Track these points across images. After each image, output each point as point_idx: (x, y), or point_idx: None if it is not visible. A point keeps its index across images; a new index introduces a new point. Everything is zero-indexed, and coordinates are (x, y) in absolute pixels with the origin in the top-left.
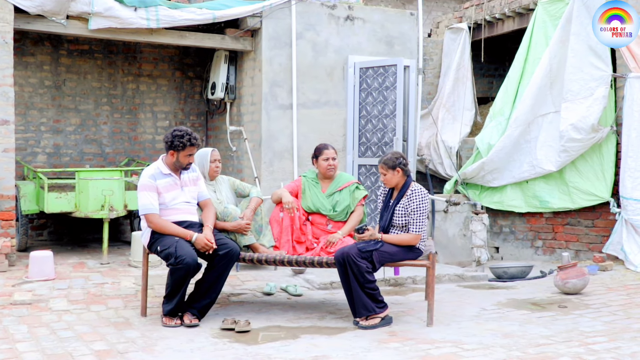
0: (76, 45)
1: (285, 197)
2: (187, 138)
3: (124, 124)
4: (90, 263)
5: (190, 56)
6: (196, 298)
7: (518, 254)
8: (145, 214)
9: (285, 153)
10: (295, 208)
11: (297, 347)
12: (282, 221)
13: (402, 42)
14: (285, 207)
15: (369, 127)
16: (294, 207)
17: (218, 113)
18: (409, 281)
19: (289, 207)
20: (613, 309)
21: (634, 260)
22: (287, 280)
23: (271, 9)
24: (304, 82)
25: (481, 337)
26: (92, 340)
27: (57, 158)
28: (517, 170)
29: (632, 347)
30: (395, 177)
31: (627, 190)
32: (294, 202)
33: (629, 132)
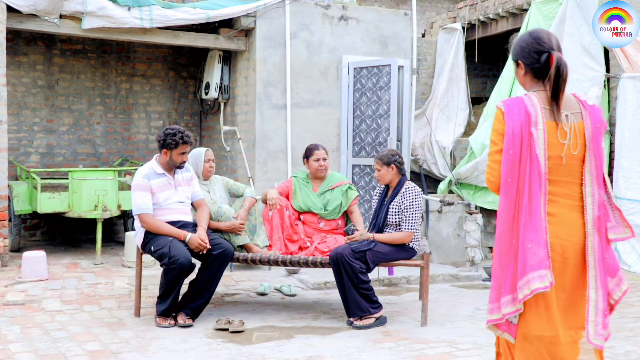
0: (69, 44)
1: (270, 194)
2: (179, 136)
3: (118, 124)
4: (83, 263)
5: (184, 56)
6: (190, 298)
7: None
8: (139, 214)
9: (279, 153)
10: (278, 203)
11: (291, 347)
12: (272, 219)
13: (396, 42)
14: (268, 204)
15: (363, 127)
16: (276, 202)
17: (212, 113)
18: (403, 281)
19: (272, 202)
20: None
21: (627, 260)
22: (281, 281)
23: (265, 8)
24: (298, 82)
25: (475, 337)
26: (85, 341)
27: (50, 158)
28: None
29: (626, 347)
30: (389, 174)
31: (620, 190)
32: (276, 199)
33: (622, 132)
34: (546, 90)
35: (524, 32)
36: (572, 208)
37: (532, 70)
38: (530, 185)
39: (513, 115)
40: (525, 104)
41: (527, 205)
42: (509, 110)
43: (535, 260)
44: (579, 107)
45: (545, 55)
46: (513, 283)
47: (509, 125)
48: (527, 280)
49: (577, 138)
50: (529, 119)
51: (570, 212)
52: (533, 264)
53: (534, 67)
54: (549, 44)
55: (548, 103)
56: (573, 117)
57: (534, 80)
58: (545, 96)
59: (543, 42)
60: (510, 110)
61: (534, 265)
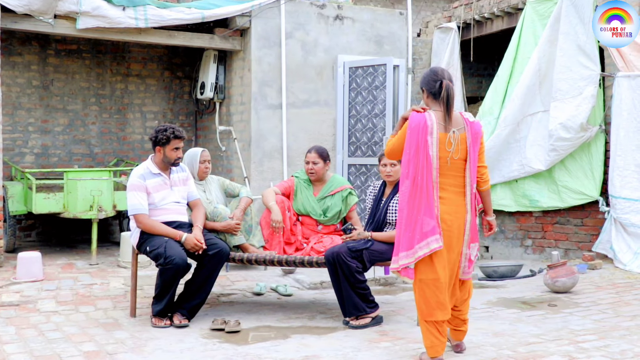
0: (64, 45)
1: (274, 215)
2: (170, 131)
3: (113, 124)
4: (79, 264)
5: (179, 56)
6: (186, 298)
7: (508, 253)
8: (135, 214)
9: (275, 153)
10: (281, 227)
11: (287, 347)
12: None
13: (392, 42)
14: (272, 226)
15: (358, 126)
16: (280, 226)
17: (207, 113)
18: (399, 281)
19: (276, 226)
20: (602, 308)
21: (623, 259)
22: (277, 280)
23: (260, 8)
24: (294, 82)
25: (471, 336)
26: (80, 342)
27: (45, 158)
28: (506, 169)
29: (622, 345)
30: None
31: (615, 189)
32: (281, 221)
33: (618, 131)
34: (441, 110)
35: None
36: (457, 194)
37: (432, 94)
38: (425, 177)
39: (415, 125)
40: (425, 118)
41: (424, 190)
42: (413, 120)
43: (428, 227)
44: (463, 123)
45: (439, 82)
46: (410, 243)
47: (411, 132)
48: (427, 243)
49: (459, 145)
50: (426, 129)
51: (457, 196)
52: (427, 231)
53: (432, 92)
54: (441, 75)
55: (442, 120)
56: (458, 131)
57: (434, 101)
58: (441, 115)
59: (438, 74)
60: (414, 120)
61: (428, 232)
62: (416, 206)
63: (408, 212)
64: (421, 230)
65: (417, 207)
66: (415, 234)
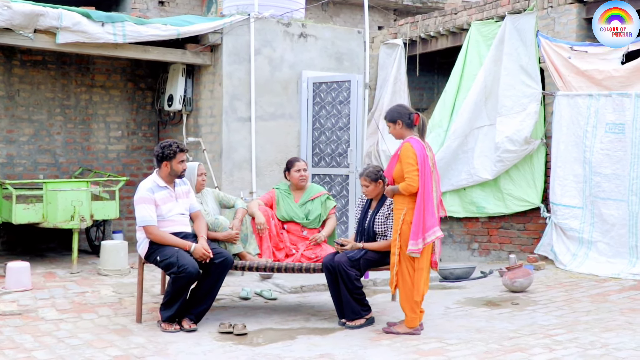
0: (29, 55)
1: (258, 218)
2: (175, 146)
3: (77, 134)
4: (59, 272)
5: (141, 68)
6: (193, 304)
7: (456, 256)
8: (145, 225)
9: (244, 163)
10: (266, 228)
11: (298, 346)
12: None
13: (350, 58)
14: (257, 228)
15: (322, 138)
16: (265, 227)
17: (172, 124)
18: (369, 284)
19: (260, 227)
20: (558, 305)
21: (563, 260)
22: (256, 285)
23: (231, 25)
24: (262, 96)
25: (458, 333)
26: (103, 347)
27: (10, 168)
28: (455, 178)
29: (588, 337)
30: (377, 188)
31: (556, 197)
32: (265, 223)
33: (558, 144)
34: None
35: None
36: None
37: (407, 125)
38: (428, 185)
39: (418, 150)
40: (420, 143)
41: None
42: (416, 146)
43: (432, 221)
44: (429, 145)
45: (412, 114)
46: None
47: (419, 155)
48: (433, 232)
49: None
50: (424, 150)
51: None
52: (432, 223)
53: (407, 123)
54: (411, 109)
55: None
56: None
57: (409, 130)
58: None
59: (408, 108)
60: (416, 146)
61: (433, 223)
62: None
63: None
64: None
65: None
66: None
